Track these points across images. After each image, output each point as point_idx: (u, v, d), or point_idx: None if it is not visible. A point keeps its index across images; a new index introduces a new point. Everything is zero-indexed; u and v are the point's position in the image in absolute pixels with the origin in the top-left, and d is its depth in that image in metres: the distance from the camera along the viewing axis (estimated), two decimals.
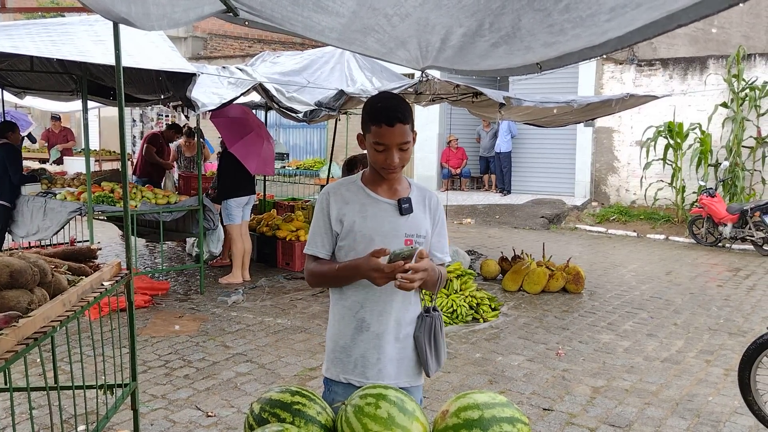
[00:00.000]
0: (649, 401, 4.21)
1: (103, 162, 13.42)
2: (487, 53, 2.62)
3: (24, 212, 6.86)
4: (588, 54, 2.25)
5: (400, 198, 2.12)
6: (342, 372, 2.15)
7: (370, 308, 2.11)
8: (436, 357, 2.19)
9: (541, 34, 2.18)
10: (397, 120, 1.99)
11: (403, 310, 2.15)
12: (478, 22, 2.30)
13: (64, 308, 2.48)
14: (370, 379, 2.11)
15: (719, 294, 7.13)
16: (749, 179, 11.40)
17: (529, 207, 13.01)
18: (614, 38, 2.03)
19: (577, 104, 6.94)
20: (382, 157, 2.04)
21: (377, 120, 2.01)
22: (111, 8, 2.39)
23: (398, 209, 2.11)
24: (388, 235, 2.08)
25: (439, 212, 2.22)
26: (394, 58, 3.32)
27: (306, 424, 1.64)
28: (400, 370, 2.16)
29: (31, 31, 5.39)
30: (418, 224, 2.13)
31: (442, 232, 2.23)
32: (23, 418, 3.69)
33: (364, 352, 2.13)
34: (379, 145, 2.03)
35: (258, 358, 4.90)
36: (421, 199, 2.18)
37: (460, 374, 4.63)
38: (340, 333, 2.17)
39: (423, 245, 2.13)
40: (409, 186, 2.20)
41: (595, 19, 1.92)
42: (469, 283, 6.41)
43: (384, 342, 2.12)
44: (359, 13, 2.51)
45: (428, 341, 2.15)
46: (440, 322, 2.21)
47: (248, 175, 7.19)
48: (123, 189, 3.46)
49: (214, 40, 19.28)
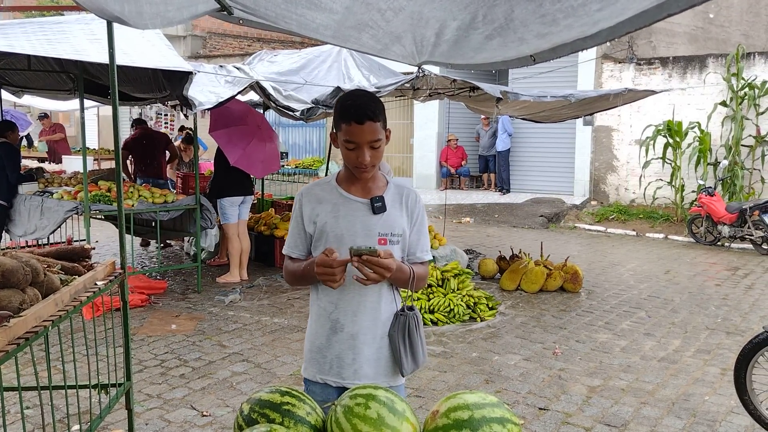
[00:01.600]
0: (645, 401, 4.20)
1: (102, 161, 13.45)
2: (481, 46, 2.62)
3: (21, 211, 6.85)
4: (580, 45, 2.26)
5: (373, 197, 2.10)
6: (318, 372, 2.16)
7: (343, 309, 2.11)
8: (413, 356, 2.14)
9: (533, 24, 2.18)
10: (366, 117, 1.98)
11: (378, 310, 2.13)
12: (471, 14, 2.30)
13: (57, 308, 2.48)
14: (346, 379, 2.12)
15: (717, 293, 7.13)
16: (748, 178, 11.39)
17: (528, 206, 13.00)
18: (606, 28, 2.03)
19: (575, 98, 6.93)
20: (353, 156, 2.03)
21: (347, 118, 1.99)
22: (104, 7, 2.38)
23: (371, 208, 2.10)
24: (360, 235, 2.07)
25: (417, 210, 2.18)
26: (390, 54, 3.31)
27: (295, 425, 1.63)
28: (377, 370, 2.14)
29: (27, 30, 5.38)
30: (392, 223, 2.11)
31: (421, 230, 2.20)
32: (17, 418, 3.69)
33: (339, 353, 2.12)
34: (350, 143, 2.01)
35: (254, 357, 4.89)
36: (398, 197, 2.16)
37: (457, 373, 4.62)
38: (316, 333, 2.17)
39: (399, 244, 2.12)
40: (386, 184, 2.19)
41: (587, 9, 1.92)
42: (467, 282, 6.40)
43: (359, 342, 2.11)
44: (353, 9, 2.51)
45: (402, 340, 2.12)
46: (417, 321, 2.15)
47: (242, 174, 7.15)
48: (117, 188, 3.46)
49: (213, 39, 19.28)
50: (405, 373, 2.17)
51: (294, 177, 15.05)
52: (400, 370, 2.16)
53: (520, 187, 14.60)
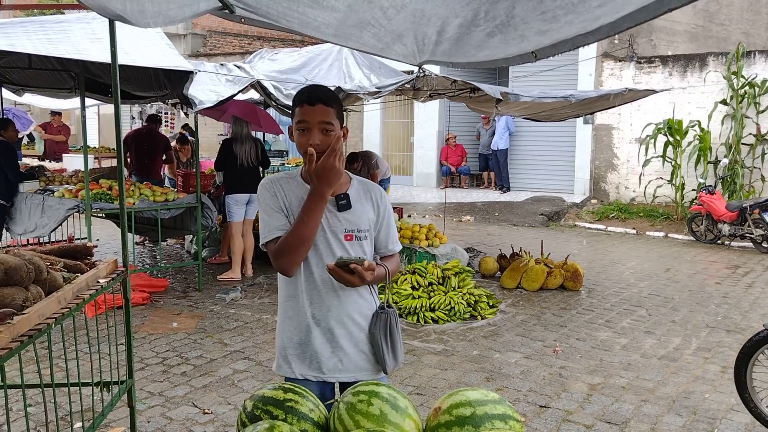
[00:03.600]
0: (645, 398, 4.21)
1: (102, 159, 13.44)
2: (482, 43, 2.62)
3: (22, 209, 6.86)
4: (581, 41, 2.26)
5: (338, 195, 2.12)
6: (298, 368, 2.16)
7: (319, 304, 2.12)
8: (393, 353, 2.19)
9: (534, 21, 2.19)
10: (318, 100, 2.02)
11: (354, 303, 2.15)
12: (473, 11, 2.30)
13: (60, 305, 2.48)
14: (327, 373, 2.14)
15: (717, 291, 7.14)
16: (748, 176, 11.40)
17: (528, 204, 13.01)
18: (606, 24, 2.03)
19: (575, 99, 6.94)
20: (304, 139, 2.04)
21: (300, 101, 2.05)
22: (107, 5, 2.39)
23: (336, 206, 2.11)
24: (326, 231, 2.10)
25: (383, 204, 2.22)
26: (391, 53, 3.31)
27: (298, 421, 1.63)
28: (356, 364, 2.17)
29: (28, 29, 5.38)
30: (357, 219, 2.14)
31: (389, 223, 2.24)
32: (19, 415, 3.69)
33: (318, 348, 2.14)
34: (301, 123, 2.04)
35: (255, 355, 4.90)
36: (363, 193, 2.19)
37: (458, 371, 4.63)
38: (293, 330, 2.17)
39: (366, 239, 2.16)
40: (350, 180, 2.20)
41: (587, 5, 1.92)
42: (468, 280, 6.42)
43: (337, 336, 2.14)
44: (355, 7, 2.51)
45: (384, 338, 2.16)
46: (396, 318, 2.21)
47: (247, 173, 7.16)
48: (119, 186, 3.46)
49: (214, 37, 19.26)
50: (388, 370, 2.20)
51: None
52: (382, 367, 2.19)
53: (521, 185, 14.60)
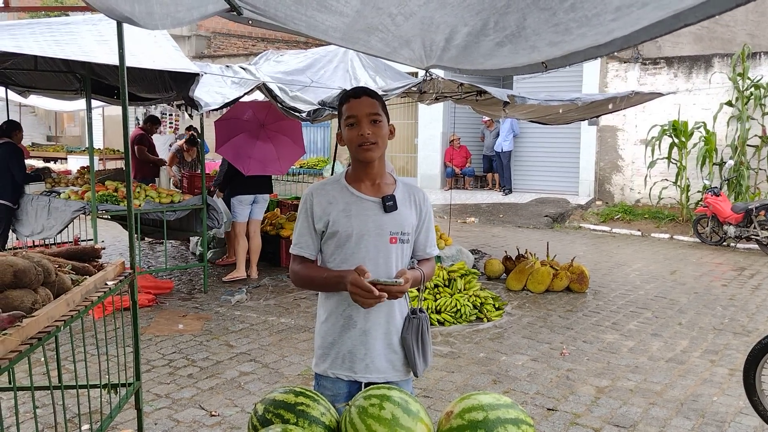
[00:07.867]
0: (653, 401, 4.19)
1: (107, 161, 13.47)
2: (491, 52, 2.61)
3: (28, 211, 6.87)
4: (593, 53, 2.25)
5: (385, 196, 2.13)
6: (330, 367, 2.19)
7: (356, 306, 2.12)
8: (424, 357, 2.22)
9: (546, 33, 2.17)
10: (363, 93, 2.08)
11: (390, 306, 2.17)
12: (482, 21, 2.29)
13: (68, 308, 2.49)
14: (358, 373, 2.16)
15: (724, 293, 7.11)
16: (754, 178, 11.36)
17: (532, 206, 12.98)
18: (620, 37, 2.02)
19: (582, 102, 6.92)
20: (355, 133, 2.07)
21: (346, 98, 2.10)
22: (115, 7, 2.39)
23: (382, 207, 2.12)
24: (372, 233, 2.11)
25: (425, 208, 2.24)
26: (398, 57, 3.31)
27: (310, 425, 1.63)
28: (388, 365, 2.19)
29: (35, 31, 5.39)
30: (402, 221, 2.15)
31: (429, 227, 2.27)
32: (28, 417, 3.70)
33: (352, 348, 2.16)
34: (350, 119, 2.07)
35: (262, 357, 4.90)
36: (407, 196, 2.21)
37: (464, 374, 4.62)
38: (329, 330, 2.19)
39: (408, 242, 2.18)
40: (395, 182, 2.22)
41: (601, 19, 1.90)
42: (473, 282, 6.40)
43: (371, 338, 2.15)
44: (363, 12, 2.50)
45: (416, 342, 2.18)
46: (427, 323, 2.24)
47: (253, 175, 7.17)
48: (127, 188, 3.47)
49: (218, 39, 19.29)
50: (419, 373, 2.22)
51: (299, 177, 15.05)
52: (413, 371, 2.22)
53: (525, 187, 14.57)
